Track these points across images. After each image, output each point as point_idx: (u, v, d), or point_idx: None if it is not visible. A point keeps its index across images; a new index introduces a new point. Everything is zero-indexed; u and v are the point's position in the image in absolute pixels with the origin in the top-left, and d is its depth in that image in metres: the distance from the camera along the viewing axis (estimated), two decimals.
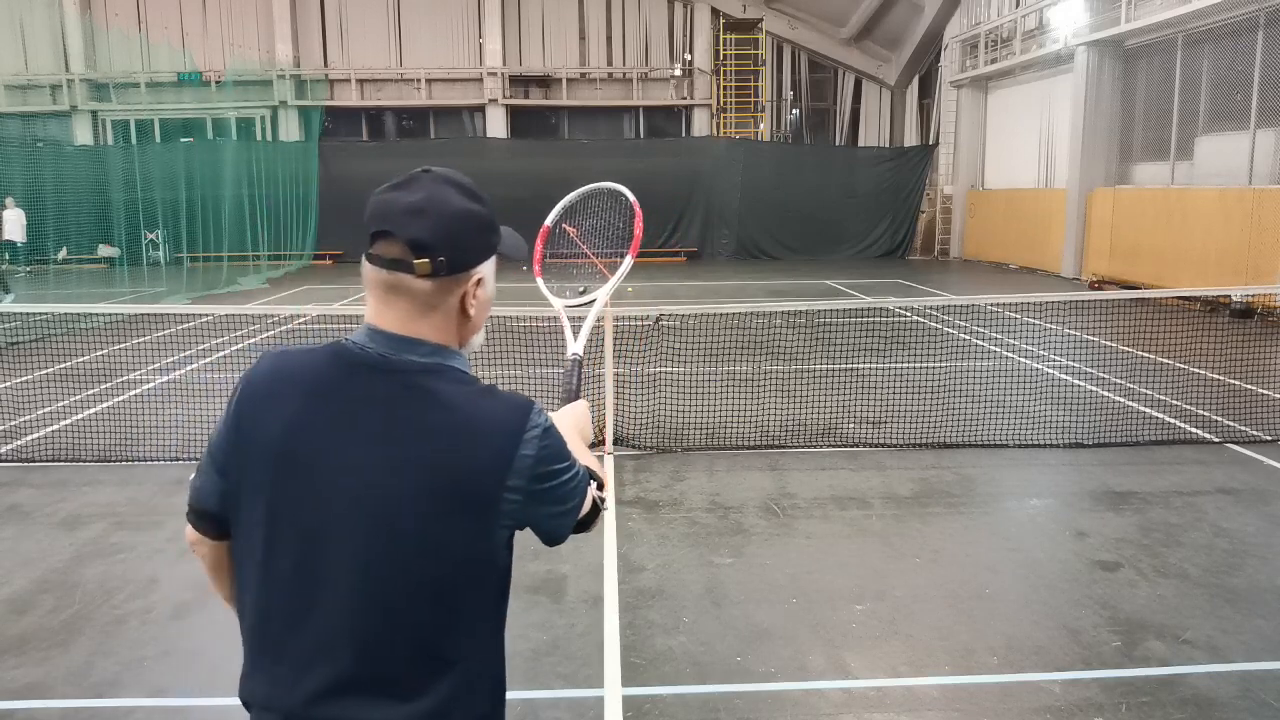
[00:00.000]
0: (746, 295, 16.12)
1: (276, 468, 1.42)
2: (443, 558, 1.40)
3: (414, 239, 1.40)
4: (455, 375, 1.45)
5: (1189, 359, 9.59)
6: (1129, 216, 16.70)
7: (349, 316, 12.03)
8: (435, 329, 1.45)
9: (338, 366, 1.44)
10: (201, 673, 3.82)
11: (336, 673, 1.39)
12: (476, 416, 1.41)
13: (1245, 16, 14.23)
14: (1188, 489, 5.96)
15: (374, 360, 1.43)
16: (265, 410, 1.44)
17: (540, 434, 1.44)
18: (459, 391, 1.43)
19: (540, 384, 7.73)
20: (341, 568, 1.39)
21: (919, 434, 7.18)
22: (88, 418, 7.76)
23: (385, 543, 1.38)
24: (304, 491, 1.40)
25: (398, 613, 1.39)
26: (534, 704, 3.55)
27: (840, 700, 3.61)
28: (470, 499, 1.39)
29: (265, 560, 1.43)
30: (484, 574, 1.45)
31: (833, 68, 27.36)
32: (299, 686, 1.40)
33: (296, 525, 1.41)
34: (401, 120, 27.09)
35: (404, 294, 1.43)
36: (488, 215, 1.49)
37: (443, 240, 1.41)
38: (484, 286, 1.50)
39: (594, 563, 4.83)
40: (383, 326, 1.44)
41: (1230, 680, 3.69)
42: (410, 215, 1.40)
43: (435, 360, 1.44)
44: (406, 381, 1.42)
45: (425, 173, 1.47)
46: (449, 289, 1.45)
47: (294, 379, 1.45)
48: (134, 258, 22.18)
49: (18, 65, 24.83)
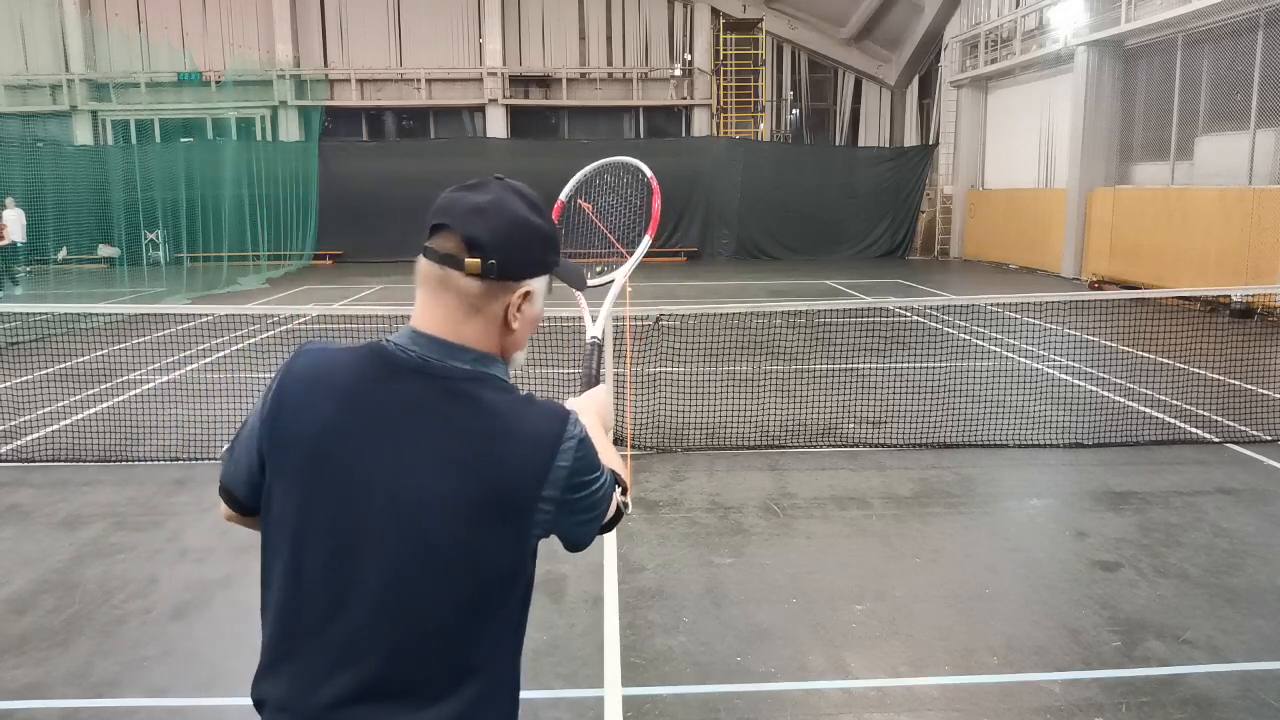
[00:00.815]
0: (746, 295, 16.12)
1: (310, 467, 1.41)
2: (474, 565, 1.39)
3: (470, 236, 1.40)
4: (496, 383, 1.45)
5: (1189, 359, 9.59)
6: (1129, 216, 16.70)
7: (349, 316, 12.04)
8: (477, 335, 1.44)
9: (378, 368, 1.43)
10: (201, 673, 3.81)
11: (361, 678, 1.37)
12: (517, 425, 1.41)
13: (1245, 16, 14.23)
14: (1188, 489, 5.96)
15: (415, 364, 1.42)
16: (302, 408, 1.43)
17: (576, 445, 1.43)
18: (500, 399, 1.43)
19: (542, 385, 7.73)
20: (372, 571, 1.38)
21: (919, 434, 7.18)
22: (88, 418, 7.76)
23: (418, 548, 1.37)
24: (337, 492, 1.39)
25: (427, 619, 1.38)
26: (534, 704, 3.56)
27: (840, 700, 3.61)
28: (506, 507, 1.39)
29: (293, 559, 1.42)
30: (512, 582, 1.45)
31: (833, 68, 27.36)
32: (321, 690, 1.38)
33: (328, 526, 1.40)
34: (401, 120, 27.09)
35: (451, 292, 1.42)
36: (549, 231, 1.49)
37: (498, 243, 1.40)
38: (531, 302, 1.48)
39: (594, 563, 4.83)
40: (426, 329, 1.43)
41: (1230, 680, 3.69)
42: (472, 213, 1.41)
43: (478, 368, 1.44)
44: (449, 388, 1.41)
45: (496, 179, 1.47)
46: (495, 295, 1.43)
47: (333, 377, 1.44)
48: (134, 258, 22.20)
49: (18, 65, 24.83)
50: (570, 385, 6.90)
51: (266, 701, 1.44)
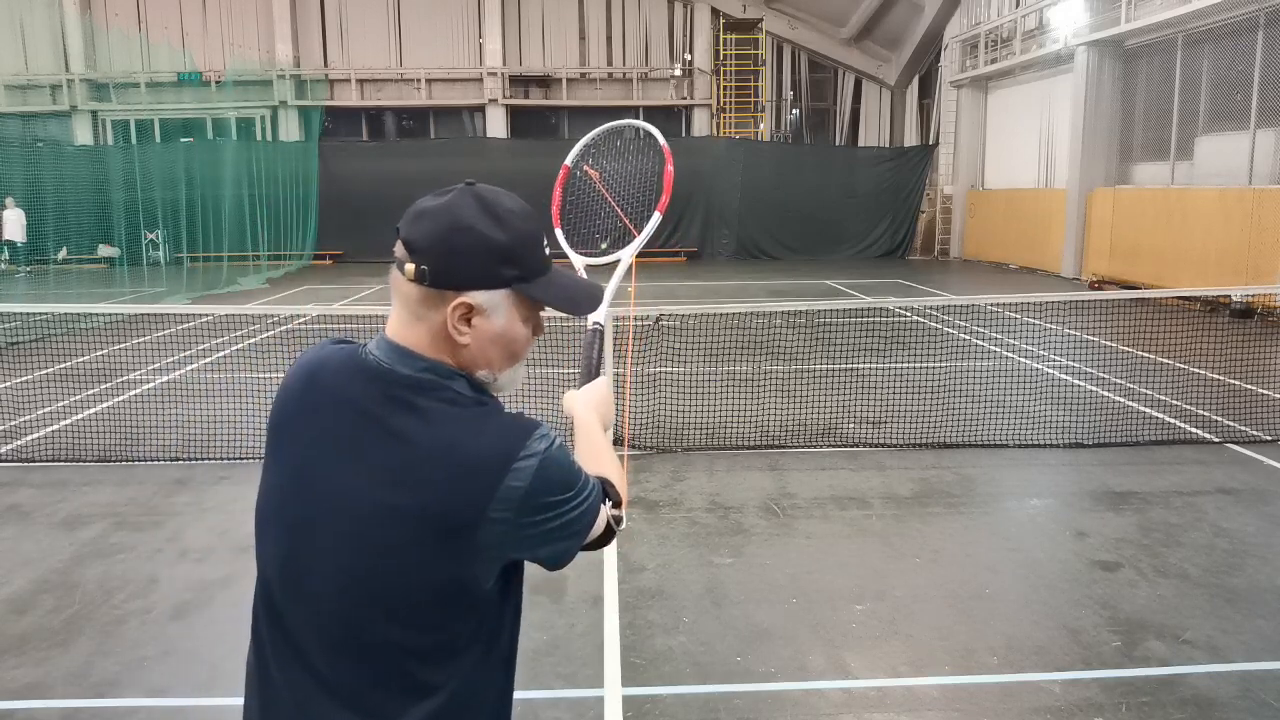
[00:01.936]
0: (746, 295, 16.11)
1: (276, 463, 1.43)
2: (414, 580, 1.31)
3: (407, 238, 1.35)
4: (448, 394, 1.35)
5: (1189, 359, 9.59)
6: (1129, 216, 16.70)
7: (349, 316, 12.05)
8: (425, 343, 1.37)
9: (344, 369, 1.41)
10: (201, 673, 3.82)
11: (314, 686, 1.37)
12: (461, 440, 1.31)
13: (1245, 16, 14.22)
14: (1188, 489, 5.96)
15: (372, 367, 1.38)
16: (283, 402, 1.45)
17: (537, 464, 1.31)
18: (445, 411, 1.33)
19: (541, 385, 7.72)
20: (316, 579, 1.35)
21: (919, 434, 7.18)
22: (88, 418, 7.76)
23: (355, 558, 1.32)
24: (294, 493, 1.39)
25: (367, 632, 1.34)
26: (534, 704, 3.56)
27: (840, 700, 3.61)
28: (442, 526, 1.29)
29: (261, 550, 1.43)
30: (467, 602, 1.35)
31: (833, 68, 27.35)
32: (286, 693, 1.40)
33: (284, 527, 1.39)
34: (401, 120, 27.08)
35: (399, 295, 1.39)
36: (500, 242, 1.35)
37: (431, 247, 1.33)
38: (484, 317, 1.36)
39: (594, 563, 4.82)
40: (388, 332, 1.41)
41: (1230, 680, 3.69)
42: (417, 216, 1.37)
43: (427, 375, 1.35)
44: (392, 393, 1.34)
45: (466, 184, 1.41)
46: (432, 303, 1.35)
47: (314, 376, 1.43)
48: (134, 258, 22.20)
49: (18, 65, 24.82)
50: (569, 385, 6.88)
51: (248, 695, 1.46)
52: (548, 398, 5.62)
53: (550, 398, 7.34)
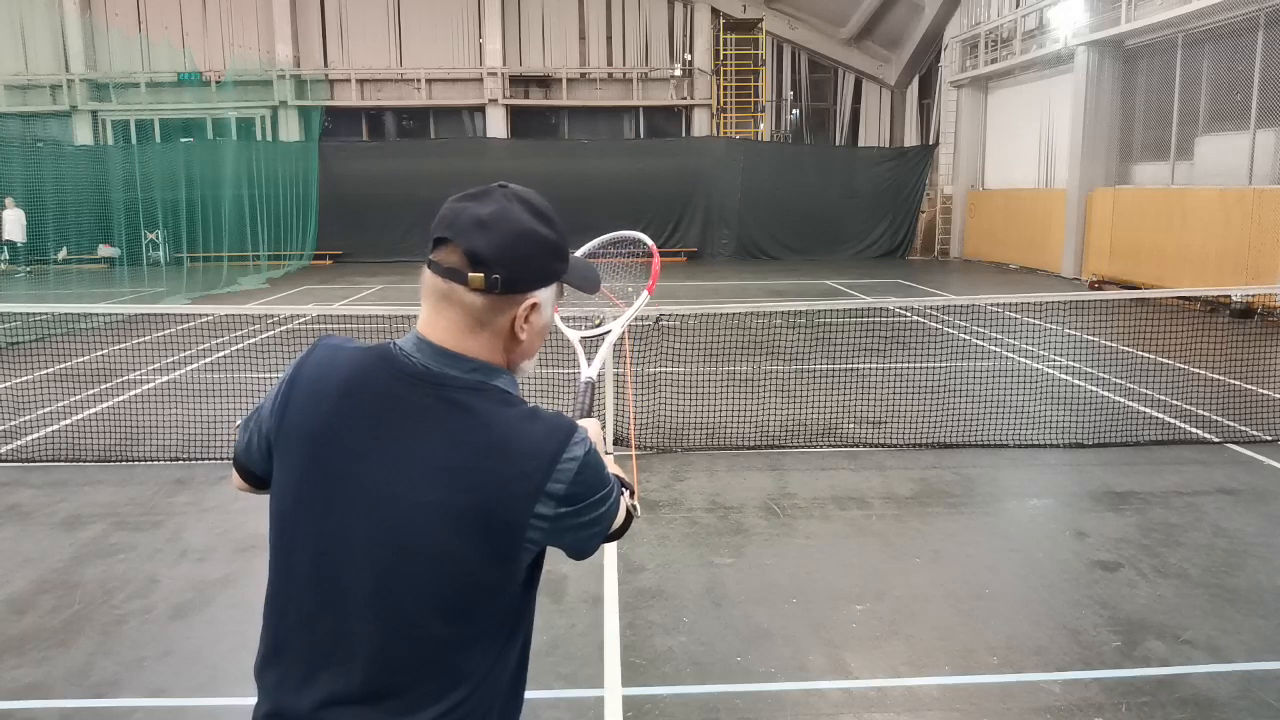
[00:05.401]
0: (746, 295, 16.12)
1: (305, 464, 1.42)
2: (459, 575, 1.37)
3: (473, 250, 1.37)
4: (499, 395, 1.41)
5: (1189, 359, 9.59)
6: (1129, 216, 16.70)
7: (349, 316, 12.04)
8: (483, 347, 1.42)
9: (381, 371, 1.42)
10: (201, 673, 3.81)
11: (345, 681, 1.37)
12: (512, 438, 1.37)
13: (1245, 16, 14.23)
14: (1188, 489, 5.96)
15: (418, 371, 1.40)
16: (306, 403, 1.44)
17: (578, 464, 1.39)
18: (500, 412, 1.39)
19: (542, 385, 7.73)
20: (356, 574, 1.37)
21: (919, 434, 7.18)
22: (88, 418, 7.76)
23: (401, 554, 1.36)
24: (327, 493, 1.39)
25: (410, 626, 1.37)
26: (534, 704, 3.55)
27: (840, 700, 3.61)
28: (494, 522, 1.36)
29: (286, 554, 1.43)
30: (503, 592, 1.42)
31: (833, 68, 27.36)
32: (307, 691, 1.39)
33: (316, 526, 1.40)
34: (401, 120, 27.08)
35: (455, 305, 1.40)
36: (555, 240, 1.45)
37: (502, 257, 1.37)
38: (539, 312, 1.45)
39: (594, 563, 4.82)
40: (430, 337, 1.41)
41: (1230, 680, 3.69)
42: (474, 226, 1.38)
43: (478, 377, 1.41)
44: (447, 396, 1.38)
45: (500, 187, 1.44)
46: (501, 308, 1.41)
47: (339, 377, 1.43)
48: (134, 258, 22.20)
49: (18, 65, 24.83)
50: (570, 384, 6.88)
51: (262, 687, 1.46)
52: (548, 398, 5.62)
53: (550, 398, 7.35)
